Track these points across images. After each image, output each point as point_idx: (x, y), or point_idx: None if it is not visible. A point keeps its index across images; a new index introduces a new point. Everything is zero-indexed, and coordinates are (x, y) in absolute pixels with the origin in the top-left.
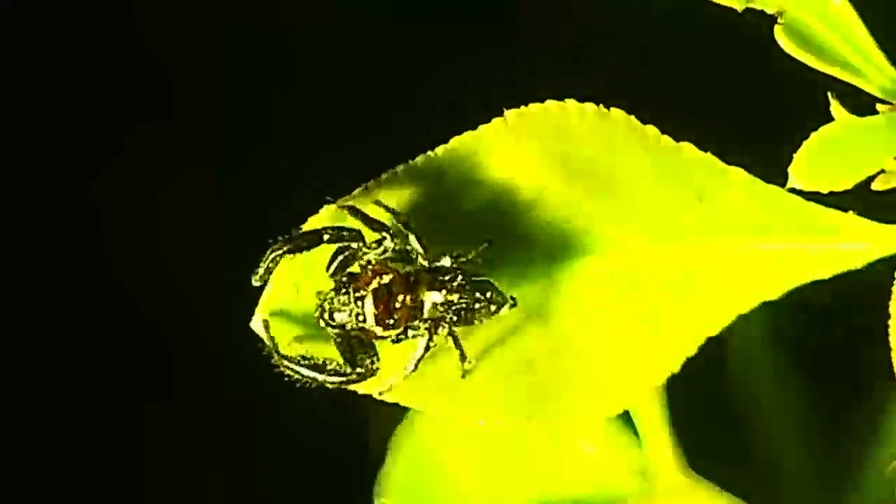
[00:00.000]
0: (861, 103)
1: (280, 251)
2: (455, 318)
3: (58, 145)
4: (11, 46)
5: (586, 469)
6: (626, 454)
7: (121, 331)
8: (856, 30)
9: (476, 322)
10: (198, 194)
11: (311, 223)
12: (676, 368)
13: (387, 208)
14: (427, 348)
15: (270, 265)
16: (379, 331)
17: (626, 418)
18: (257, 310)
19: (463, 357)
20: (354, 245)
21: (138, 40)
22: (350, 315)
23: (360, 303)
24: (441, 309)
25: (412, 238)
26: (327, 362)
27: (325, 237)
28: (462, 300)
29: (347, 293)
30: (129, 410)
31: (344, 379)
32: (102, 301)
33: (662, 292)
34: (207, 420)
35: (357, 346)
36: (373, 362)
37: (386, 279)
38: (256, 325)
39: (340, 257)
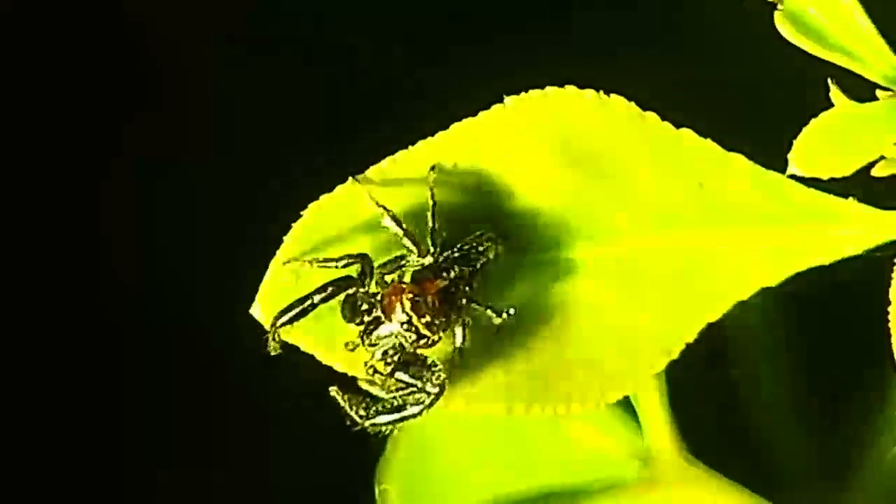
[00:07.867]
0: (861, 90)
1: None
2: (473, 285)
3: (55, 142)
4: (10, 47)
5: (586, 455)
6: (626, 440)
7: (119, 327)
8: (856, 16)
9: (487, 273)
10: (193, 188)
11: (325, 201)
12: (676, 354)
13: (376, 203)
14: (465, 330)
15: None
16: (435, 337)
17: (626, 404)
18: (257, 296)
19: (498, 312)
20: (351, 289)
21: (132, 36)
22: (400, 347)
23: (405, 326)
24: (456, 286)
25: (399, 231)
26: (397, 399)
27: (330, 290)
28: (469, 264)
29: (376, 333)
30: (128, 408)
31: (423, 406)
32: (100, 297)
33: (662, 278)
34: (206, 411)
35: (420, 370)
36: (440, 375)
37: (406, 295)
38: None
39: (348, 304)
